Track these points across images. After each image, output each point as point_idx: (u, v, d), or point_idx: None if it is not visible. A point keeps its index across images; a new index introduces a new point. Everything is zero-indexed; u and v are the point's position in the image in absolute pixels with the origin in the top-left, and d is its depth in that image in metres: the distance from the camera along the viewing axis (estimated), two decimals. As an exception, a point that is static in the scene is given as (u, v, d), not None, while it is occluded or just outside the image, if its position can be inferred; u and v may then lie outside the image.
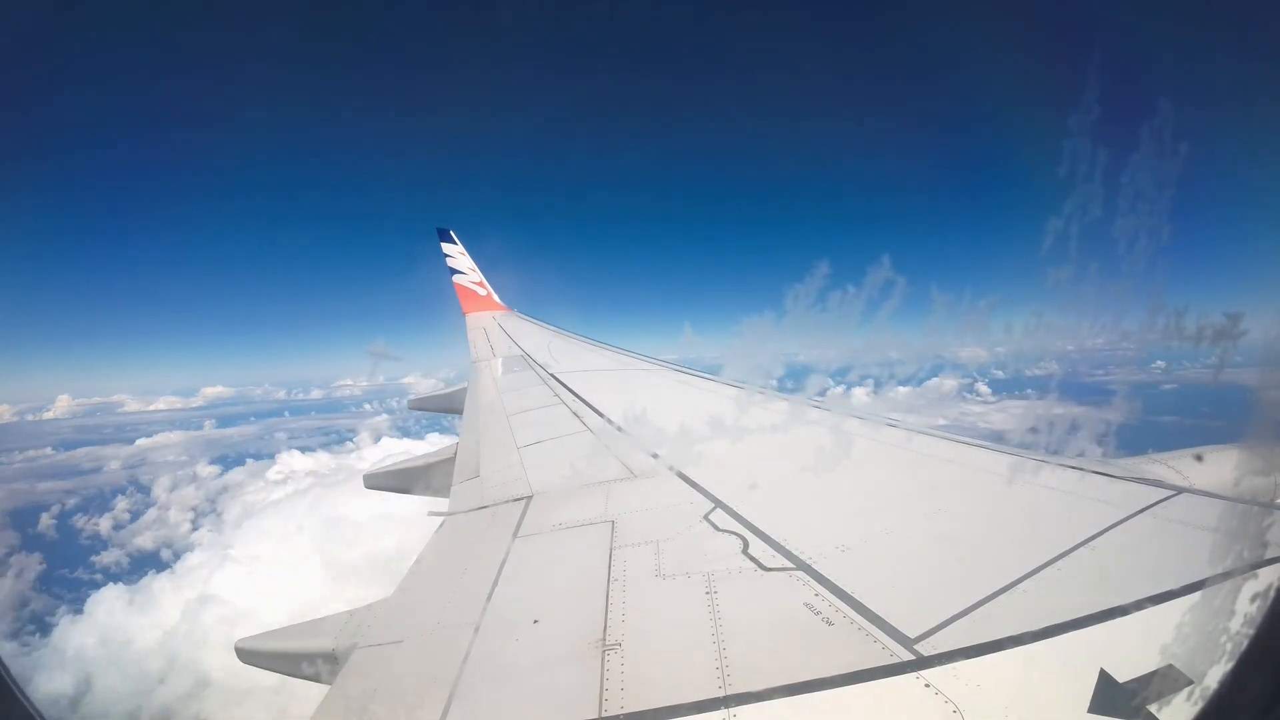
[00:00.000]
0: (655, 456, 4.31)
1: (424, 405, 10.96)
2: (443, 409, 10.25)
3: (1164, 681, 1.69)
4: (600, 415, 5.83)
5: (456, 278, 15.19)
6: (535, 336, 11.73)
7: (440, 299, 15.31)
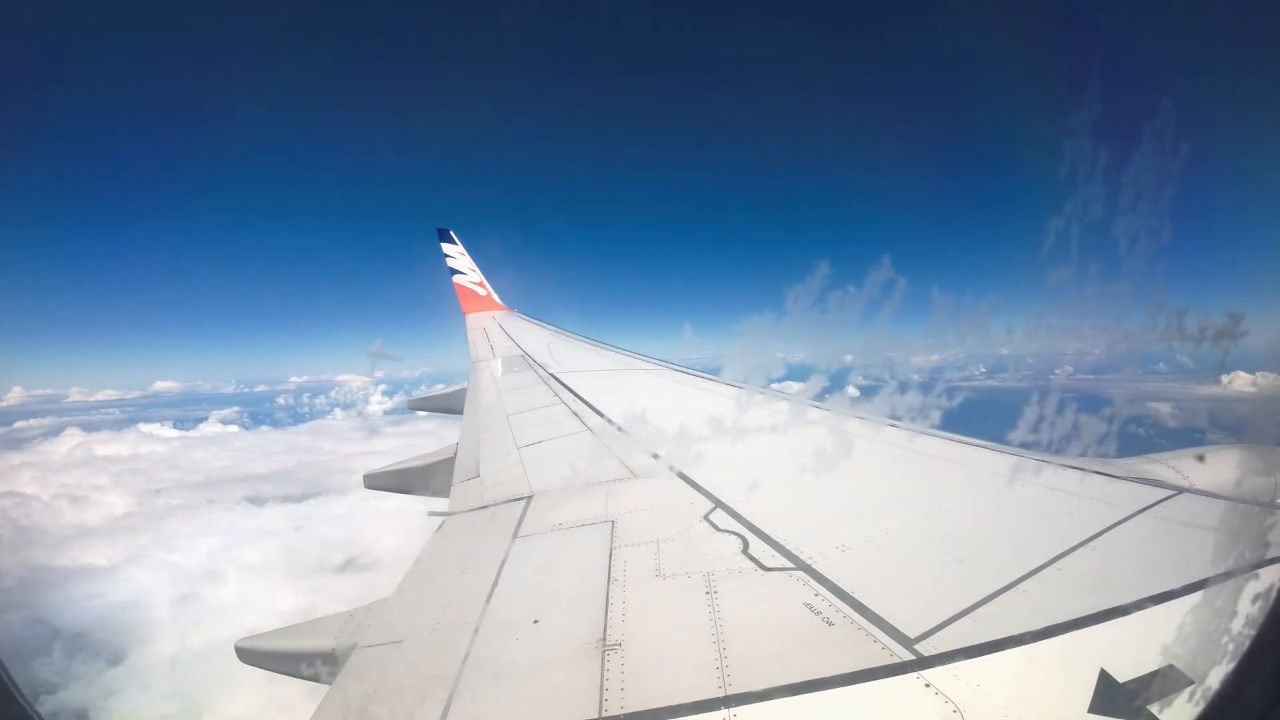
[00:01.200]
0: (655, 456, 4.31)
1: (423, 405, 10.96)
2: (442, 409, 10.25)
3: (1164, 682, 1.69)
4: (600, 415, 5.83)
5: (457, 278, 15.20)
6: (535, 336, 11.73)
7: (440, 299, 15.33)
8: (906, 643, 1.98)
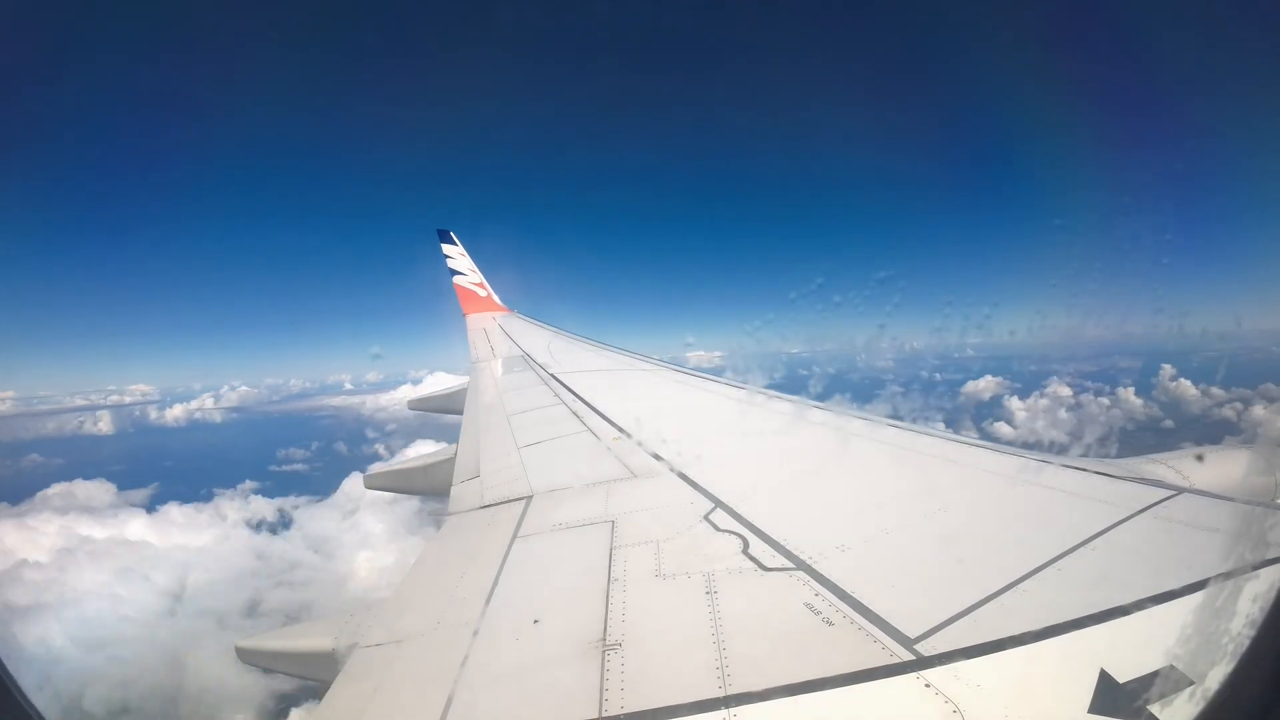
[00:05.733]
0: (656, 457, 4.31)
1: (424, 406, 10.96)
2: (443, 409, 10.25)
3: (1164, 682, 1.69)
4: (601, 415, 5.83)
5: (457, 279, 15.20)
6: (536, 337, 11.73)
7: (440, 300, 15.33)
8: (906, 643, 1.98)
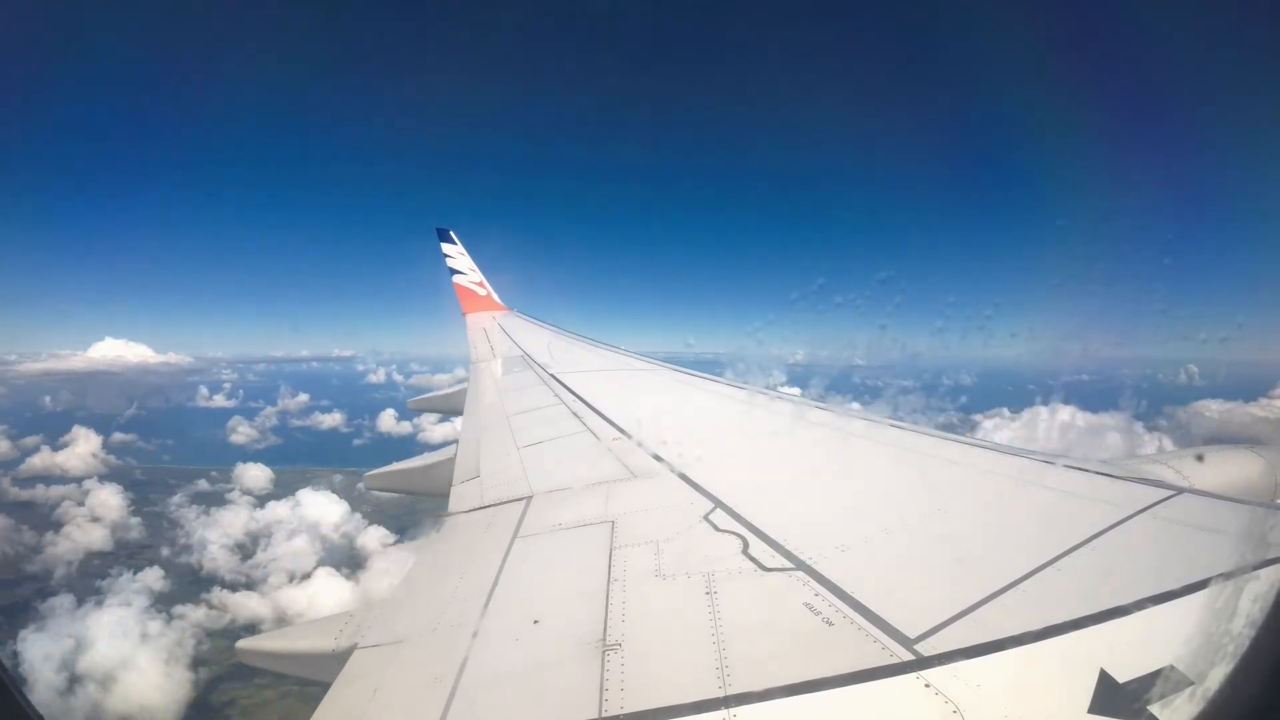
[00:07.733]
0: (656, 457, 4.31)
1: (424, 406, 10.97)
2: (443, 409, 10.25)
3: (1164, 682, 1.69)
4: (601, 415, 5.83)
5: (456, 278, 15.20)
6: (535, 337, 11.73)
7: (440, 300, 15.33)
8: (906, 643, 1.98)
